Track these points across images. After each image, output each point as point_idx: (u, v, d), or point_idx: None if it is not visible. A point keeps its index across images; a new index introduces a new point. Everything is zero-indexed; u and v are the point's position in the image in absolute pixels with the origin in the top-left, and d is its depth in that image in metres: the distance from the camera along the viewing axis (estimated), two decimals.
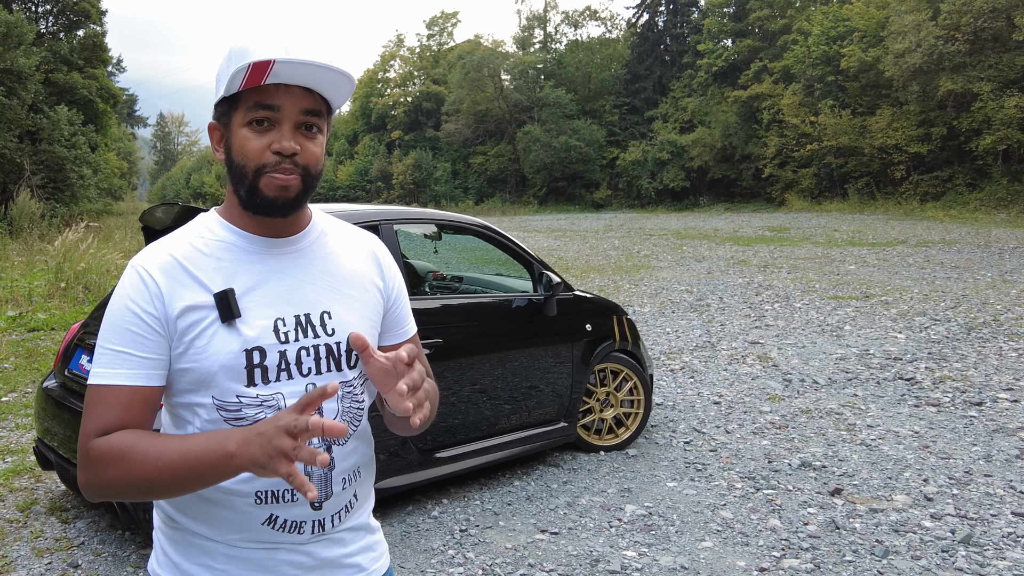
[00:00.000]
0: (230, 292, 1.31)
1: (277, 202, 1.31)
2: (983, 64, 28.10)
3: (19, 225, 19.06)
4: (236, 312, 1.30)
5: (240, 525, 1.34)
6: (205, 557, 1.36)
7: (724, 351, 8.06)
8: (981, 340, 8.14)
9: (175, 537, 1.40)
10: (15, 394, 6.64)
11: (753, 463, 4.95)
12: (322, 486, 1.36)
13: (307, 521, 1.37)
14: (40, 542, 3.94)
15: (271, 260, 1.38)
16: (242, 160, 1.31)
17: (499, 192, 50.95)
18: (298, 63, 1.26)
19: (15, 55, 22.27)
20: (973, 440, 5.25)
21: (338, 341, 1.38)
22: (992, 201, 27.28)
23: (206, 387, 1.31)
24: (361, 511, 1.49)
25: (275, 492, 1.33)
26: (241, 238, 1.38)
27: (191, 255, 1.34)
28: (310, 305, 1.38)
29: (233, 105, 1.33)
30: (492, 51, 52.73)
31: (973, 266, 13.91)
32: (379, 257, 1.53)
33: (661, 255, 17.84)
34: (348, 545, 1.45)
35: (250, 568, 1.36)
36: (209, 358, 1.29)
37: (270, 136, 1.30)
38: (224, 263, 1.34)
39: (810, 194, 36.09)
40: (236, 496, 1.32)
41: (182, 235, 1.38)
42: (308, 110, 1.31)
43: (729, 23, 44.68)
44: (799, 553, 3.75)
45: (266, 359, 1.32)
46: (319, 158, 1.35)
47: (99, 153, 30.81)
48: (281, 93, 1.29)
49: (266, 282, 1.36)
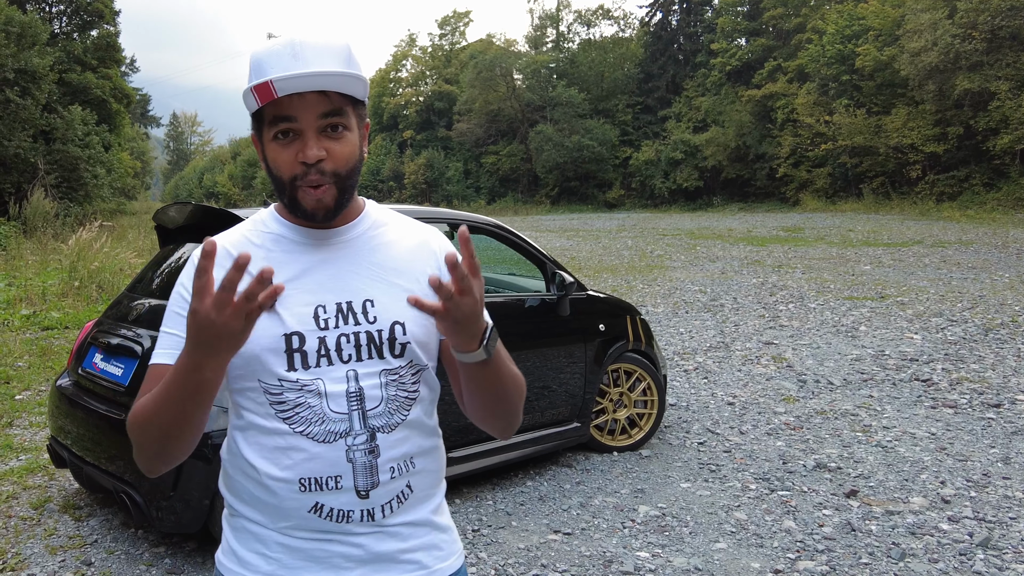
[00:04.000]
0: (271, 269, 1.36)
1: (317, 215, 1.37)
2: (1000, 63, 27.87)
3: (33, 224, 19.19)
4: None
5: (287, 513, 1.36)
6: (259, 545, 1.39)
7: (738, 352, 8.01)
8: (999, 341, 8.06)
9: (234, 524, 1.44)
10: (29, 392, 6.67)
11: (768, 464, 4.91)
12: (367, 473, 1.36)
13: (354, 510, 1.36)
14: (54, 540, 3.95)
15: (317, 251, 1.42)
16: (277, 173, 1.36)
17: (511, 192, 50.94)
18: (297, 77, 1.28)
19: (29, 55, 22.42)
20: (991, 442, 5.19)
21: (380, 329, 1.38)
22: (1010, 201, 27.03)
23: (252, 371, 1.36)
24: (421, 505, 1.45)
25: (318, 479, 1.34)
26: (290, 230, 1.44)
27: (242, 245, 1.42)
28: (352, 293, 1.40)
29: (260, 120, 1.37)
30: (504, 50, 52.72)
31: (990, 267, 13.79)
32: (437, 249, 1.50)
33: (674, 255, 17.78)
34: (407, 540, 1.42)
35: (303, 559, 1.37)
36: (252, 342, 1.31)
37: (296, 146, 1.33)
38: (273, 253, 1.41)
39: (825, 194, 35.90)
40: (282, 483, 1.35)
41: (240, 227, 1.48)
42: (326, 113, 1.33)
43: (743, 22, 44.50)
44: (814, 555, 3.71)
45: (305, 344, 1.35)
46: (348, 156, 1.37)
47: (112, 153, 31.00)
48: (295, 103, 1.31)
49: (310, 271, 1.40)
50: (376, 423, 1.37)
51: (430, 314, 1.25)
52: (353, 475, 1.35)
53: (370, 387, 1.37)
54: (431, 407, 1.49)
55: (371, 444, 1.36)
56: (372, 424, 1.36)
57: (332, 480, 1.34)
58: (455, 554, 1.51)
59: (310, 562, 1.37)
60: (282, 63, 1.30)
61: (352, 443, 1.35)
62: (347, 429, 1.35)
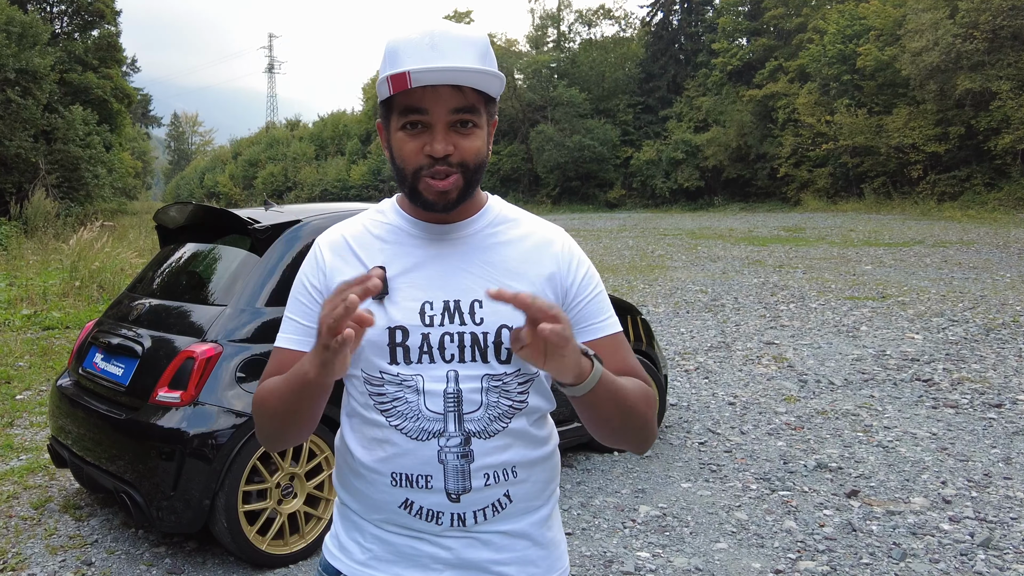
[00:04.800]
0: (382, 270, 1.36)
1: (437, 205, 1.34)
2: (1002, 63, 27.82)
3: (34, 224, 19.21)
4: (385, 290, 1.35)
5: (380, 505, 1.37)
6: (357, 533, 1.42)
7: (739, 352, 8.01)
8: (1000, 341, 8.05)
9: (340, 510, 1.47)
10: (30, 392, 6.67)
11: (768, 464, 4.90)
12: (458, 478, 1.33)
13: (444, 512, 1.34)
14: (54, 540, 3.95)
15: (432, 245, 1.40)
16: (401, 163, 1.34)
17: (512, 192, 50.89)
18: (434, 70, 1.26)
19: (30, 55, 22.44)
20: (992, 442, 5.18)
21: (485, 331, 1.34)
22: (1011, 201, 26.98)
23: (356, 360, 1.36)
24: (521, 516, 1.40)
25: (408, 476, 1.34)
26: (408, 223, 1.43)
27: (360, 236, 1.43)
28: (462, 292, 1.37)
29: (389, 108, 1.35)
30: (505, 50, 52.67)
31: (992, 267, 13.78)
32: (559, 251, 1.44)
33: (675, 255, 17.77)
34: (500, 551, 1.37)
35: (393, 553, 1.38)
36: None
37: (423, 138, 1.31)
38: (388, 245, 1.41)
39: (826, 194, 35.85)
40: (375, 474, 1.37)
41: (361, 217, 1.49)
42: (458, 108, 1.31)
43: (744, 22, 44.46)
44: (815, 555, 3.71)
45: (408, 339, 1.34)
46: (477, 151, 1.34)
47: (113, 153, 31.01)
48: (428, 96, 1.29)
49: (423, 266, 1.38)
50: (472, 427, 1.34)
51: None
52: (444, 477, 1.33)
53: (469, 390, 1.34)
54: (542, 419, 1.45)
55: (465, 448, 1.33)
56: (468, 428, 1.34)
57: (423, 479, 1.33)
58: (558, 571, 1.45)
59: (401, 558, 1.37)
60: (420, 54, 1.28)
61: (445, 444, 1.33)
62: (441, 429, 1.33)
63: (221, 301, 3.87)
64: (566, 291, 1.42)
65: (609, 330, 1.44)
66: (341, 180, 56.03)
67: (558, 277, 1.42)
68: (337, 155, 61.93)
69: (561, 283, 1.42)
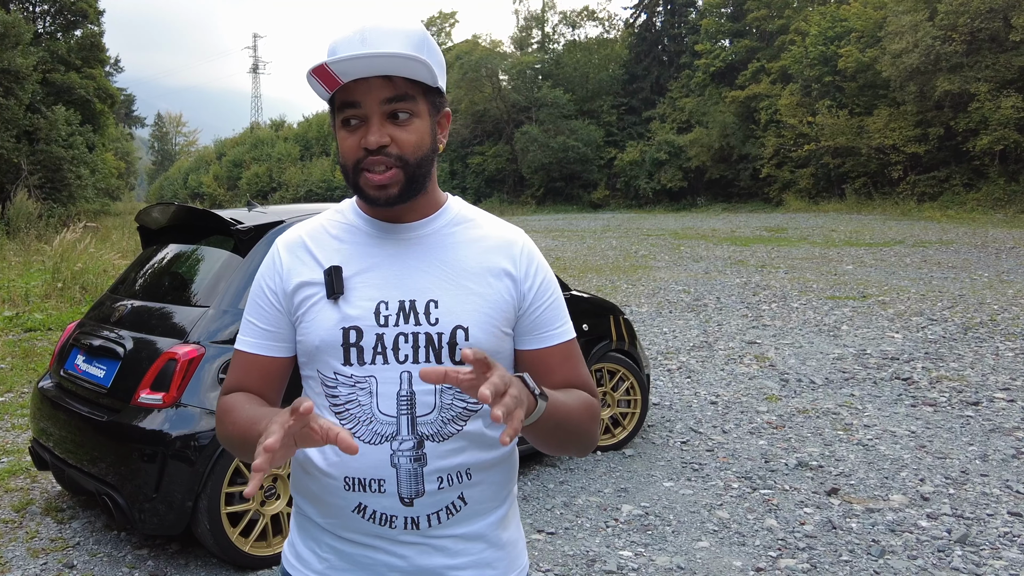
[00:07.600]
0: (337, 270, 1.36)
1: (379, 200, 1.33)
2: (980, 64, 28.08)
3: (16, 225, 19.06)
4: (339, 289, 1.34)
5: (335, 510, 1.36)
6: (313, 543, 1.42)
7: (721, 351, 8.06)
8: (978, 340, 8.15)
9: (297, 518, 1.46)
10: (11, 394, 6.63)
11: (750, 463, 4.95)
12: (411, 481, 1.32)
13: (398, 516, 1.33)
14: (36, 542, 3.93)
15: (389, 245, 1.39)
16: (343, 160, 1.34)
17: (497, 192, 50.90)
18: (353, 59, 1.24)
19: (12, 55, 22.25)
20: (970, 440, 5.25)
21: (440, 332, 1.33)
22: (989, 201, 27.25)
23: (312, 360, 1.37)
24: (477, 518, 1.38)
25: (361, 480, 1.33)
26: (365, 222, 1.42)
27: (317, 235, 1.42)
28: (417, 292, 1.35)
29: (333, 108, 1.35)
30: (490, 51, 52.65)
31: (970, 266, 13.92)
32: (518, 253, 1.42)
33: (659, 255, 17.84)
34: (455, 556, 1.36)
35: (350, 563, 1.38)
36: (312, 332, 1.34)
37: (360, 133, 1.31)
38: (345, 245, 1.40)
39: (808, 194, 36.05)
40: (328, 478, 1.35)
41: (320, 216, 1.47)
42: (390, 98, 1.29)
43: (727, 23, 44.66)
44: (795, 553, 3.75)
45: (362, 339, 1.33)
46: (416, 143, 1.31)
47: (97, 153, 30.80)
48: (360, 88, 1.28)
49: (378, 265, 1.37)
50: (426, 431, 1.32)
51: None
52: (397, 481, 1.31)
53: (423, 392, 1.32)
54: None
55: (417, 452, 1.31)
56: (421, 431, 1.32)
57: (375, 483, 1.32)
58: (511, 573, 1.44)
59: (356, 567, 1.36)
60: (350, 47, 1.27)
61: (398, 448, 1.31)
62: (394, 432, 1.31)
63: (204, 302, 3.86)
64: (523, 295, 1.41)
65: (562, 338, 1.43)
66: (326, 181, 55.82)
67: (515, 280, 1.41)
68: (322, 156, 61.72)
69: (519, 287, 1.41)
